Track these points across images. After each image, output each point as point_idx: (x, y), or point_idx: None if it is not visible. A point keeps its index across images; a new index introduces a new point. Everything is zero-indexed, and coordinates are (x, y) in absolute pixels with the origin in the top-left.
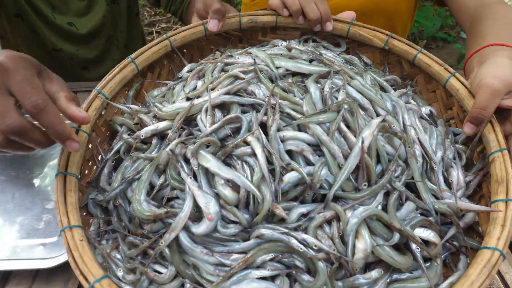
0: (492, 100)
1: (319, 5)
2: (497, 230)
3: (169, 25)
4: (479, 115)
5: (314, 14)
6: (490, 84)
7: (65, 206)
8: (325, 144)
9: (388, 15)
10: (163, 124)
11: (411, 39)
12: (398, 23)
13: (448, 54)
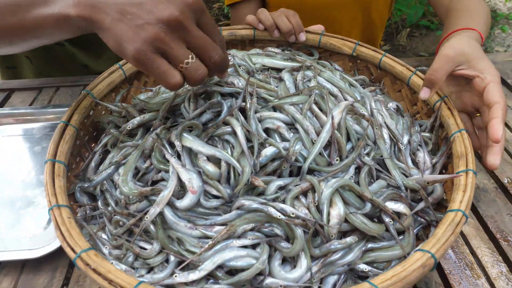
0: (444, 64)
1: (291, 18)
2: (459, 195)
3: None
4: (431, 77)
5: (286, 27)
6: (445, 52)
7: (53, 188)
8: (299, 122)
9: (364, 5)
10: (148, 115)
11: (394, 28)
12: (375, 12)
13: (431, 41)
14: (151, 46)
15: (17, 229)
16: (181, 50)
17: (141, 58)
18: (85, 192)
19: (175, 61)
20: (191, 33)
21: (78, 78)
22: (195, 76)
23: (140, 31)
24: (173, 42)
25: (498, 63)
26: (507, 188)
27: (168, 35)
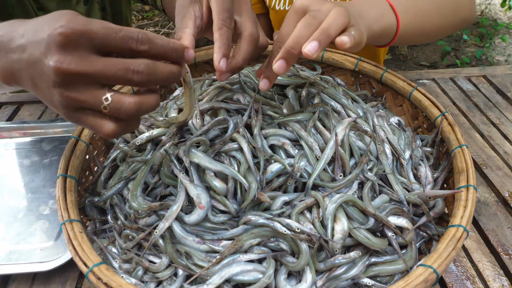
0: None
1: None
2: (460, 211)
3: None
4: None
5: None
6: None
7: (65, 203)
8: (303, 138)
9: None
10: (157, 131)
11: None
12: None
13: (432, 51)
14: (66, 109)
15: (27, 242)
16: (90, 96)
17: (70, 119)
18: (95, 206)
19: (95, 109)
20: (87, 71)
21: None
22: (122, 114)
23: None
24: (78, 93)
25: (497, 76)
26: (508, 201)
27: (69, 89)
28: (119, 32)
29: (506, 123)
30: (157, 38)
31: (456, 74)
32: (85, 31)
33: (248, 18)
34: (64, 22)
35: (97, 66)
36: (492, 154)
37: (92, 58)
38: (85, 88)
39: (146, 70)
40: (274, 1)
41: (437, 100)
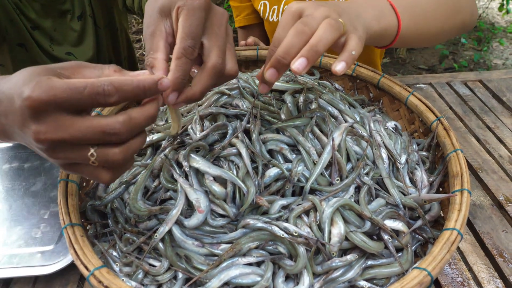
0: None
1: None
2: (454, 214)
3: None
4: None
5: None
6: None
7: (67, 207)
8: (301, 143)
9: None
10: (157, 135)
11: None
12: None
13: (431, 54)
14: (61, 165)
15: (29, 246)
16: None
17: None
18: (96, 210)
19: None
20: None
21: None
22: (111, 164)
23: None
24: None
25: (493, 80)
26: (503, 205)
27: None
28: (84, 91)
29: (501, 127)
30: (125, 85)
31: (453, 78)
32: (49, 99)
33: (216, 45)
34: (28, 92)
35: (73, 131)
36: (487, 158)
37: (66, 122)
38: (69, 149)
39: (123, 128)
40: (268, 13)
41: (433, 104)
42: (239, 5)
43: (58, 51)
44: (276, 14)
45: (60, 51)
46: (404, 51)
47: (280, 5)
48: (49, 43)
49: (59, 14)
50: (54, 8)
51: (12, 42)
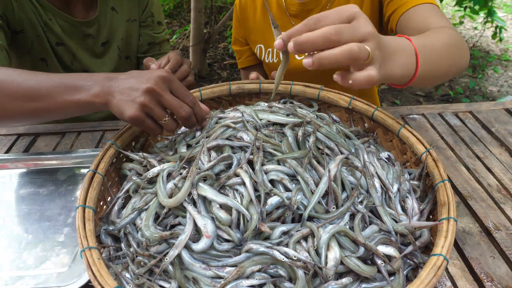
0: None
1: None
2: (441, 241)
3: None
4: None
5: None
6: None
7: (84, 231)
8: (300, 174)
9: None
10: (167, 165)
11: None
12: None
13: None
14: (140, 111)
15: (44, 268)
16: (159, 112)
17: (135, 120)
18: (109, 234)
19: (157, 119)
20: (164, 97)
21: (97, 124)
22: (170, 128)
23: (132, 103)
24: (154, 106)
25: (483, 111)
26: (491, 231)
27: (149, 101)
28: (184, 91)
29: (490, 157)
30: (198, 105)
31: (444, 109)
32: (170, 77)
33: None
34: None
35: (167, 96)
36: (476, 187)
37: (166, 92)
38: (157, 104)
39: (188, 113)
40: (264, 55)
41: (426, 134)
42: (240, 49)
43: (76, 66)
44: (271, 55)
45: (78, 67)
46: None
47: (273, 47)
48: (71, 59)
49: (83, 37)
50: (80, 29)
51: (35, 56)
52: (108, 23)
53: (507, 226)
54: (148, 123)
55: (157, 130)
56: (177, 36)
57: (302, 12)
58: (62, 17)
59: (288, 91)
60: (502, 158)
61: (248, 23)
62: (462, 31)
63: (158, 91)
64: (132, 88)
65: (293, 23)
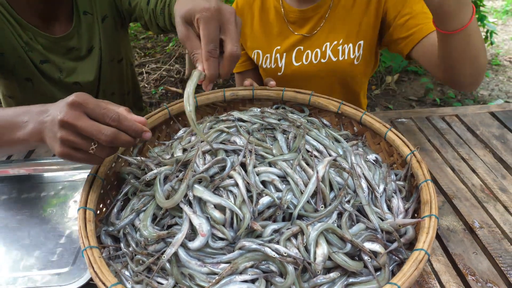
0: None
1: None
2: (423, 236)
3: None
4: None
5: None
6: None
7: (86, 232)
8: (290, 175)
9: (341, 79)
10: (164, 168)
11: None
12: (353, 83)
13: (420, 86)
14: (64, 147)
15: (46, 268)
16: (82, 143)
17: (64, 157)
18: (109, 234)
19: (85, 150)
20: (78, 126)
21: None
22: (104, 155)
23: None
24: (73, 138)
25: (468, 115)
26: (474, 229)
27: (67, 134)
28: (102, 109)
29: (474, 158)
30: (125, 120)
31: (432, 113)
32: (84, 101)
33: (229, 38)
34: (73, 97)
35: (82, 123)
36: (461, 187)
37: (85, 119)
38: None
39: (110, 136)
40: (261, 60)
41: (414, 137)
42: None
43: (67, 79)
44: (269, 61)
45: (69, 80)
46: (393, 83)
47: (271, 53)
48: (58, 74)
49: (66, 51)
50: (61, 45)
51: (20, 76)
52: (85, 29)
53: (489, 224)
54: (79, 156)
55: (93, 160)
56: (173, 44)
57: (300, 19)
58: (42, 35)
59: (280, 97)
60: (486, 159)
61: (245, 29)
62: None
63: (70, 122)
64: (52, 123)
65: (291, 29)
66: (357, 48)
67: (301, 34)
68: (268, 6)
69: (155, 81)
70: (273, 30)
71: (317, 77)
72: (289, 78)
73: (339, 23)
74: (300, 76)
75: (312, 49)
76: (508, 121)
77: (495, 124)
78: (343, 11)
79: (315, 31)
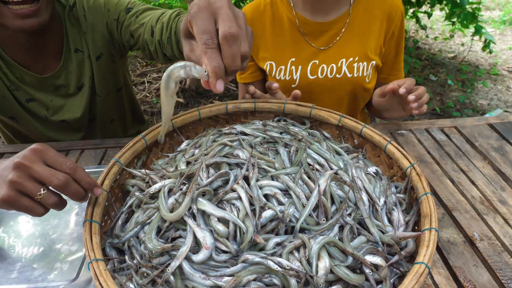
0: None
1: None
2: (423, 250)
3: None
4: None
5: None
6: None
7: (91, 244)
8: (292, 189)
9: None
10: (168, 181)
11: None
12: (362, 97)
13: None
14: (11, 190)
15: (50, 281)
16: (31, 186)
17: (7, 201)
18: (114, 247)
19: (31, 195)
20: (33, 169)
21: (100, 141)
22: (50, 203)
23: (3, 184)
24: (24, 181)
25: (467, 127)
26: (473, 241)
27: (18, 177)
28: (60, 158)
29: (473, 170)
30: (81, 171)
31: (431, 125)
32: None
33: (222, 21)
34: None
35: (37, 167)
36: (461, 199)
37: (37, 163)
38: (29, 179)
39: (63, 181)
40: (275, 72)
41: (413, 149)
42: None
43: (54, 118)
44: (284, 72)
45: (55, 118)
46: None
47: (286, 65)
48: (45, 112)
49: (54, 88)
50: (49, 83)
51: (4, 114)
52: (75, 67)
53: (489, 236)
54: (23, 202)
55: (36, 208)
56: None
57: (316, 31)
58: (28, 74)
59: (282, 110)
60: (485, 171)
61: (256, 40)
62: (452, 46)
63: (26, 164)
64: (5, 168)
65: (307, 39)
66: (370, 66)
67: (316, 46)
68: (280, 16)
69: (156, 90)
70: (287, 40)
71: (330, 90)
72: (303, 90)
73: (354, 40)
74: (314, 88)
75: (327, 63)
76: (506, 133)
77: (494, 135)
78: (359, 29)
79: (330, 44)
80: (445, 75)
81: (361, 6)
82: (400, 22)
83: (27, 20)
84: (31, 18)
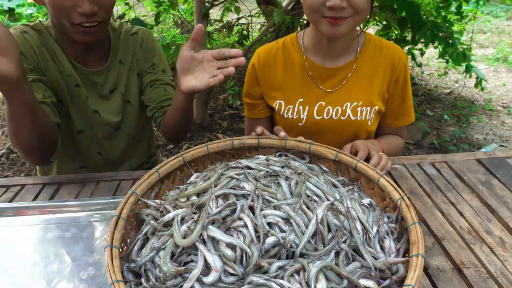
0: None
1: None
2: (411, 273)
3: None
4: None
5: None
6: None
7: (113, 267)
8: (292, 218)
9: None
10: (181, 210)
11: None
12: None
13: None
14: None
15: None
16: None
17: None
18: (130, 270)
19: None
20: None
21: (114, 174)
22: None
23: None
24: None
25: (456, 162)
26: (461, 269)
27: None
28: None
29: (462, 202)
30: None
31: (422, 160)
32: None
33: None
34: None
35: None
36: (450, 229)
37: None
38: None
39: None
40: (283, 110)
41: (406, 182)
42: (253, 102)
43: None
44: (291, 112)
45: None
46: None
47: (295, 104)
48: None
49: (91, 84)
50: (88, 77)
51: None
52: (115, 74)
53: (476, 264)
54: None
55: None
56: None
57: (325, 75)
58: (76, 66)
59: (283, 145)
60: (473, 203)
61: (268, 81)
62: (448, 82)
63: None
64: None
65: (315, 82)
66: (373, 111)
67: (324, 89)
68: (292, 60)
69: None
70: (297, 82)
71: (334, 131)
72: (308, 129)
73: (360, 85)
74: (319, 128)
75: (333, 105)
76: (493, 168)
77: (481, 170)
78: (365, 75)
79: (337, 87)
80: (441, 110)
81: (367, 55)
82: (404, 70)
83: (87, 36)
84: (91, 35)
